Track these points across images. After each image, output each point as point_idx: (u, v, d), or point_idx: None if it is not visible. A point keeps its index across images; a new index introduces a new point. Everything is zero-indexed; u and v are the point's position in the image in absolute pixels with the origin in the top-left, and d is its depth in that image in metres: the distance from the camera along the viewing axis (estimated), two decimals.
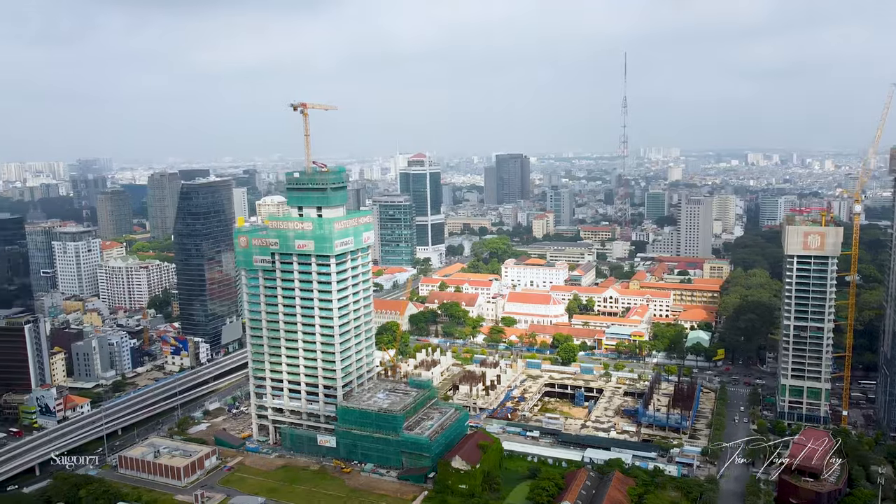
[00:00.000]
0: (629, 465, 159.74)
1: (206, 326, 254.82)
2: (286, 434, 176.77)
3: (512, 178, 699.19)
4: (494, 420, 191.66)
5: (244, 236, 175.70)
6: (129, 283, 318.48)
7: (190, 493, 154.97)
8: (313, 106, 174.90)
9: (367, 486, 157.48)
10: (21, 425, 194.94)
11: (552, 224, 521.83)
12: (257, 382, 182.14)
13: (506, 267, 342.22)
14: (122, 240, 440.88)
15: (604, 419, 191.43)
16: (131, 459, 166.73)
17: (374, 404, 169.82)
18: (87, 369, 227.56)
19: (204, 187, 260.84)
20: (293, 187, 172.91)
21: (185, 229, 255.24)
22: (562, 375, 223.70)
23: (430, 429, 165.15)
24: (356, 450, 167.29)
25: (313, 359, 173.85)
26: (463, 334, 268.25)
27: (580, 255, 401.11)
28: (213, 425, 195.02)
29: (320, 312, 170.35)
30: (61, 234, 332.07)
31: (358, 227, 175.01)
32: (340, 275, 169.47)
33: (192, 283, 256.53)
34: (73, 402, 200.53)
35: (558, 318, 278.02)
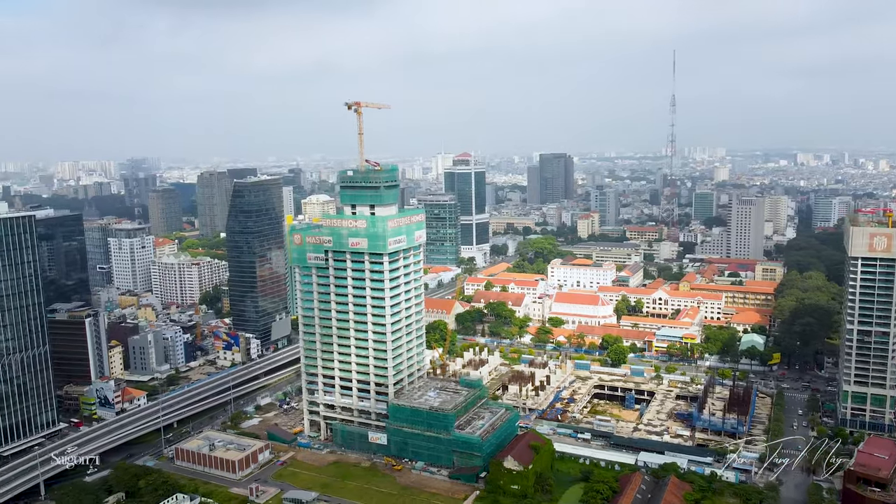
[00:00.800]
0: (685, 469, 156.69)
1: (257, 323, 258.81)
2: (337, 430, 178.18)
3: (555, 177, 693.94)
4: (544, 421, 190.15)
5: (298, 234, 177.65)
6: (181, 280, 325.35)
7: (244, 487, 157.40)
8: (367, 105, 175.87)
9: (419, 484, 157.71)
10: (81, 416, 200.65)
11: (597, 224, 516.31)
12: (309, 379, 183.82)
13: (552, 267, 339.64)
14: (172, 237, 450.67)
15: (656, 422, 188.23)
16: (187, 452, 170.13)
17: (426, 402, 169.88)
18: (143, 363, 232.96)
19: (255, 185, 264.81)
20: (347, 185, 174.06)
21: (237, 226, 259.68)
22: (611, 377, 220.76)
23: (481, 428, 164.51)
24: (407, 447, 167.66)
25: (365, 356, 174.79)
26: (510, 334, 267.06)
27: (627, 256, 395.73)
28: (264, 420, 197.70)
29: (373, 310, 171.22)
30: (117, 230, 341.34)
31: (410, 225, 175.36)
32: (393, 273, 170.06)
33: (243, 279, 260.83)
34: (131, 395, 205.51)
35: (606, 319, 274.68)
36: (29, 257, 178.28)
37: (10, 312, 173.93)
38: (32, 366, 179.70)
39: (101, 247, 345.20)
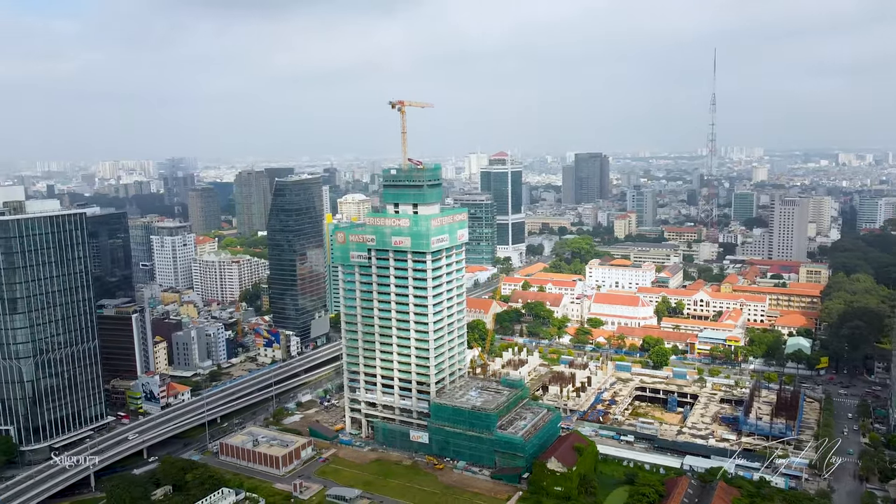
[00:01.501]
0: (732, 474, 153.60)
1: (296, 320, 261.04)
2: (379, 428, 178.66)
3: (590, 177, 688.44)
4: (586, 422, 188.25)
5: (341, 232, 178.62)
6: (221, 277, 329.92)
7: (288, 483, 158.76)
8: (411, 103, 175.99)
9: (461, 484, 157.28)
10: (128, 410, 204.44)
11: (634, 224, 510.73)
12: (351, 377, 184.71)
13: (590, 267, 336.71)
14: (212, 235, 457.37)
15: (701, 426, 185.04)
16: (232, 447, 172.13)
17: (467, 402, 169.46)
18: (186, 358, 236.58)
19: (296, 184, 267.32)
20: (390, 184, 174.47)
21: (278, 225, 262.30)
22: (653, 379, 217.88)
23: (523, 429, 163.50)
24: (448, 447, 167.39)
25: (407, 354, 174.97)
26: (548, 334, 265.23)
27: (665, 257, 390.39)
28: (306, 417, 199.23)
29: (415, 309, 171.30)
30: (159, 228, 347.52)
31: (453, 224, 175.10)
32: (436, 271, 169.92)
33: (283, 277, 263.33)
34: (176, 390, 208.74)
35: (647, 320, 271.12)
36: (79, 254, 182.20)
37: (62, 307, 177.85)
38: (82, 360, 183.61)
39: (144, 244, 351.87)
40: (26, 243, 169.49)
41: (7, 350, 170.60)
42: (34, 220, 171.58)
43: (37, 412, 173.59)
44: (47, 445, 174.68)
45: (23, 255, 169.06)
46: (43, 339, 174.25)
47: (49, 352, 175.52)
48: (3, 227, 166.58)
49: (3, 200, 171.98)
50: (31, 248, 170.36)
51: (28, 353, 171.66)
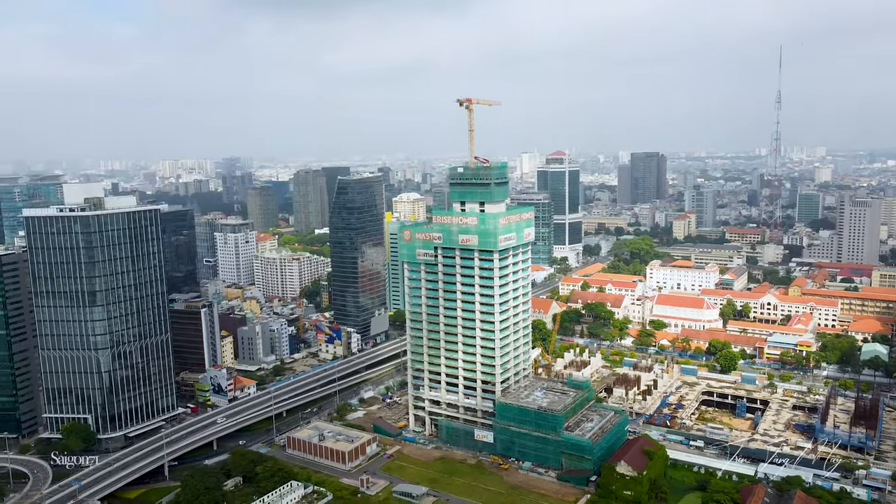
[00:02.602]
0: (809, 483, 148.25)
1: (357, 318, 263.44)
2: (443, 426, 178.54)
3: (647, 177, 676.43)
4: (652, 426, 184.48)
5: (408, 230, 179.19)
6: (282, 274, 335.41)
7: (354, 478, 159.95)
8: (479, 101, 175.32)
9: (527, 485, 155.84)
10: (196, 402, 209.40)
11: (694, 225, 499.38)
12: (415, 374, 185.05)
13: (650, 268, 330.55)
14: (271, 232, 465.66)
15: (773, 433, 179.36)
16: (299, 441, 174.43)
17: (533, 402, 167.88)
18: (251, 353, 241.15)
19: (358, 183, 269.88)
20: (456, 182, 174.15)
21: (340, 223, 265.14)
22: (720, 384, 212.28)
23: (590, 431, 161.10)
24: (513, 447, 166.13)
25: (472, 353, 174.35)
26: (609, 336, 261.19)
27: (728, 259, 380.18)
28: (368, 413, 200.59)
29: (481, 307, 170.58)
30: (223, 225, 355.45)
31: (520, 222, 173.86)
32: (503, 270, 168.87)
33: (344, 274, 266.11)
34: (242, 384, 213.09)
35: (712, 323, 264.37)
36: (154, 249, 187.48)
37: (137, 301, 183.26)
38: (155, 352, 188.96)
39: (207, 241, 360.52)
40: (105, 238, 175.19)
41: (86, 341, 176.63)
42: (112, 216, 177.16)
43: (113, 401, 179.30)
44: (122, 434, 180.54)
45: (102, 250, 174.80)
46: (119, 331, 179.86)
47: (124, 344, 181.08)
48: (85, 222, 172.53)
49: (84, 196, 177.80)
50: (109, 243, 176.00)
51: (105, 344, 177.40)
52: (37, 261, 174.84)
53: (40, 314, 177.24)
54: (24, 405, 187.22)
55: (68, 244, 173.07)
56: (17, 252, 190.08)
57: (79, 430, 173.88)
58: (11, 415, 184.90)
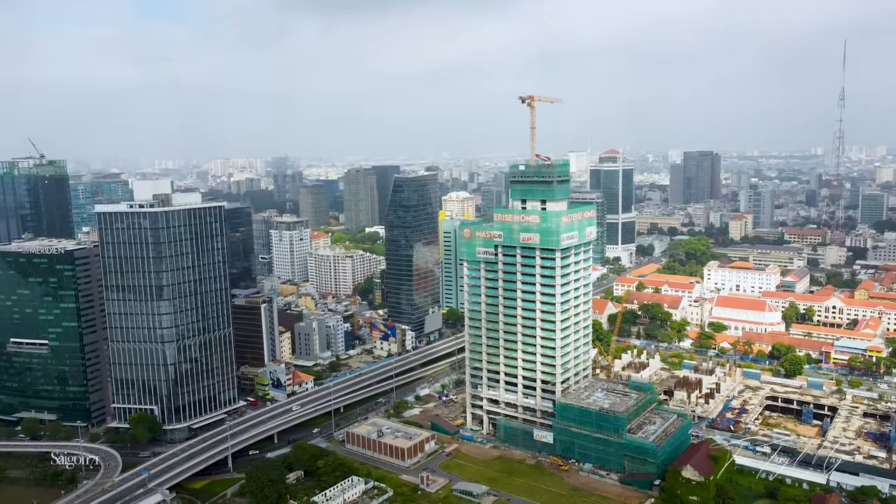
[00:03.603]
0: (886, 494, 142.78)
1: (411, 315, 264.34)
2: (501, 426, 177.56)
3: (700, 176, 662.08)
4: (716, 431, 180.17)
5: (468, 228, 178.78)
6: (335, 271, 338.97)
7: (414, 475, 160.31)
8: (540, 98, 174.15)
9: (588, 487, 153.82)
10: (256, 396, 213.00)
11: (750, 226, 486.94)
12: (473, 373, 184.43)
13: (708, 269, 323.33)
14: (323, 230, 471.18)
15: (844, 440, 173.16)
16: (358, 436, 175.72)
17: (594, 403, 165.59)
18: (307, 349, 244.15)
19: (414, 181, 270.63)
20: (517, 180, 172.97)
21: (396, 221, 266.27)
22: (785, 389, 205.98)
23: (654, 434, 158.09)
24: (573, 448, 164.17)
25: (532, 353, 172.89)
26: (667, 337, 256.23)
27: (788, 260, 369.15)
28: (425, 411, 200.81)
29: (542, 307, 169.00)
30: (278, 223, 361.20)
31: (582, 221, 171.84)
32: (564, 269, 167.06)
33: (399, 272, 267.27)
34: (300, 378, 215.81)
35: (774, 326, 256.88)
36: (218, 245, 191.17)
37: (201, 296, 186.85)
38: (218, 346, 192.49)
39: (262, 238, 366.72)
40: (172, 234, 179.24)
41: (153, 334, 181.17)
42: (179, 213, 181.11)
43: (178, 393, 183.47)
44: (187, 426, 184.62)
45: (168, 245, 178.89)
46: (184, 324, 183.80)
47: (189, 337, 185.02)
48: (153, 218, 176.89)
49: (152, 193, 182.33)
50: (175, 239, 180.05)
51: (171, 337, 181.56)
52: (107, 255, 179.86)
53: (110, 307, 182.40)
54: (94, 395, 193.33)
55: (137, 239, 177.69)
56: (88, 247, 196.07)
57: (146, 421, 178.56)
58: (82, 404, 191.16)
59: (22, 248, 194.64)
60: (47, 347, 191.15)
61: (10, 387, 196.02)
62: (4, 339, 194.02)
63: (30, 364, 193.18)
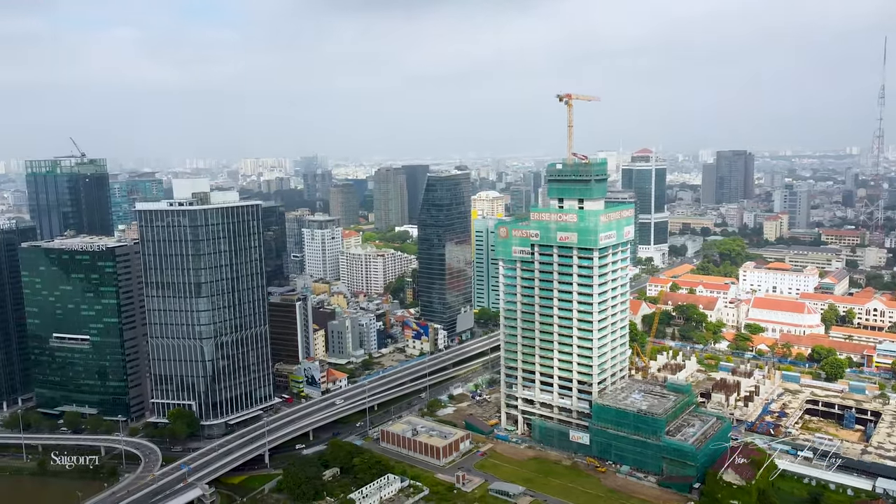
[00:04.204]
0: None
1: (443, 314, 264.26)
2: (536, 426, 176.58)
3: (733, 176, 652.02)
4: (755, 434, 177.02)
5: (504, 227, 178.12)
6: (367, 270, 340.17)
7: (449, 474, 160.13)
8: (578, 97, 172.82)
9: (625, 489, 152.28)
10: (290, 392, 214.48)
11: (786, 226, 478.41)
12: (508, 372, 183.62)
13: (744, 270, 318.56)
14: (354, 229, 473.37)
15: (888, 446, 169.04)
16: (393, 434, 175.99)
17: (632, 404, 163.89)
18: (340, 346, 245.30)
19: (447, 180, 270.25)
20: (555, 179, 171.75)
21: (429, 219, 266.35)
22: (826, 392, 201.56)
23: (692, 436, 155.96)
24: (610, 449, 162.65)
25: (568, 353, 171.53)
26: (703, 339, 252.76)
27: (826, 262, 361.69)
28: (458, 410, 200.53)
29: (579, 307, 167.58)
30: (310, 222, 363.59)
31: (620, 220, 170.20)
32: (602, 269, 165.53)
33: (431, 271, 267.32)
34: (334, 376, 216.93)
35: (813, 328, 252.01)
36: (254, 243, 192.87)
37: (238, 293, 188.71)
38: (254, 343, 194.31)
39: (295, 236, 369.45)
40: (210, 232, 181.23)
41: (191, 330, 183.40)
42: (217, 211, 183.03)
43: (215, 389, 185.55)
44: (223, 421, 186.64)
45: (207, 243, 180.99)
46: (221, 321, 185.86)
47: (226, 334, 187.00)
48: (192, 216, 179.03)
49: (191, 191, 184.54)
50: (213, 237, 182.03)
51: (209, 334, 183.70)
52: (147, 252, 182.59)
53: (150, 304, 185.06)
54: (133, 390, 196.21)
55: (176, 237, 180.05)
56: (128, 244, 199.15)
57: (184, 416, 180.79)
58: (122, 399, 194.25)
59: (65, 245, 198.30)
60: (89, 343, 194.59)
61: (53, 381, 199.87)
62: (47, 334, 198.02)
63: (71, 359, 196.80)
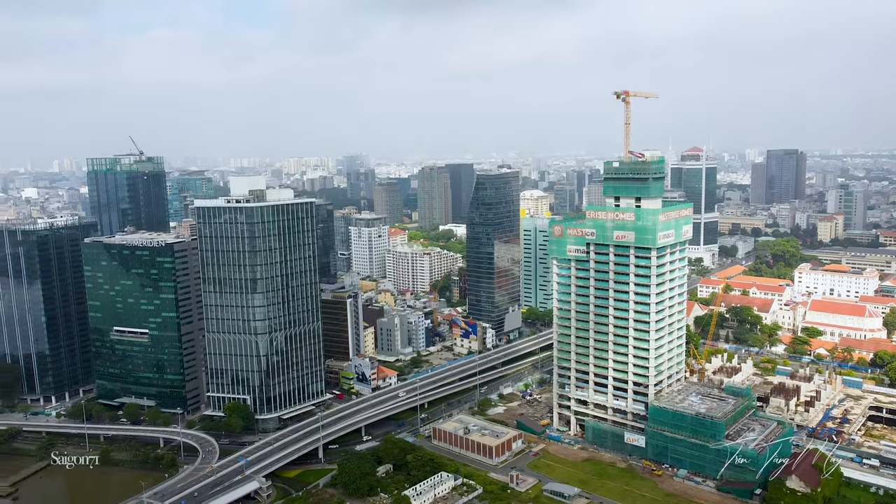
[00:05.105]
0: None
1: (491, 313, 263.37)
2: (590, 427, 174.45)
3: (783, 175, 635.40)
4: (816, 440, 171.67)
5: (559, 225, 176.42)
6: (413, 268, 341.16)
7: (502, 473, 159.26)
8: (636, 94, 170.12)
9: (684, 493, 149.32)
10: (341, 389, 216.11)
11: (841, 227, 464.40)
12: (561, 372, 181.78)
13: (799, 272, 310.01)
14: (399, 227, 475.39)
15: None
16: (445, 433, 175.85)
17: (690, 407, 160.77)
18: (389, 344, 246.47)
19: (497, 178, 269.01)
20: (611, 177, 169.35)
21: (478, 218, 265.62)
22: (890, 399, 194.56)
23: (753, 441, 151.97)
24: (667, 452, 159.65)
25: (624, 353, 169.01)
26: (758, 342, 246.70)
27: (886, 264, 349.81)
28: (508, 409, 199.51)
29: (636, 307, 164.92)
30: (357, 220, 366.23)
31: (679, 219, 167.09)
32: (660, 268, 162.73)
33: (480, 270, 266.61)
34: (384, 373, 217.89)
35: (875, 332, 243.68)
36: (308, 240, 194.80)
37: (292, 289, 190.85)
38: (307, 339, 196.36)
39: (343, 234, 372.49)
40: (266, 228, 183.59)
41: (247, 326, 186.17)
42: (273, 208, 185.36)
43: (269, 384, 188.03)
44: (277, 416, 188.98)
45: (263, 240, 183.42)
46: (276, 317, 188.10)
47: (281, 329, 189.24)
48: (248, 213, 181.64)
49: (248, 188, 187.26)
50: (269, 234, 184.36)
51: (264, 329, 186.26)
52: (205, 248, 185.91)
53: (207, 299, 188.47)
54: (190, 383, 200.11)
55: (233, 233, 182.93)
56: (186, 240, 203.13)
57: (240, 410, 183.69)
58: (179, 392, 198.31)
59: (125, 241, 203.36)
60: (147, 336, 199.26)
61: (113, 373, 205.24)
62: (108, 327, 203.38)
63: (131, 352, 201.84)
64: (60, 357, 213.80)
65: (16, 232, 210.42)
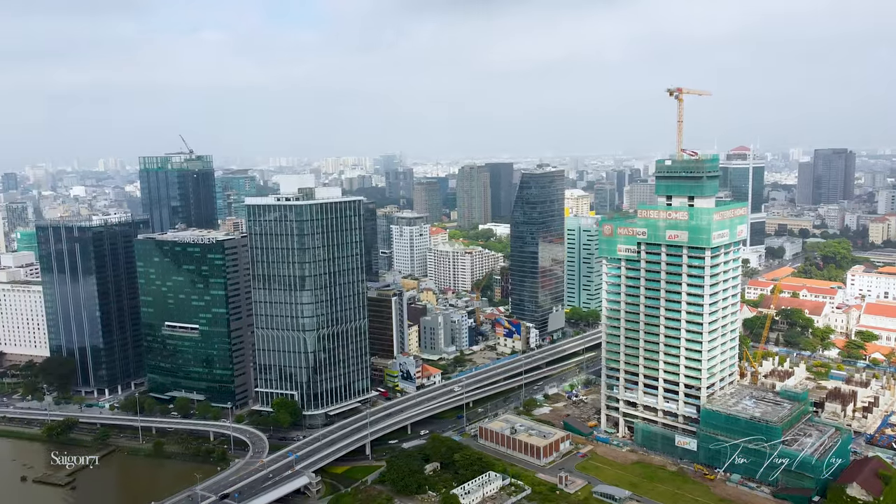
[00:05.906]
0: None
1: (534, 313, 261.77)
2: (639, 429, 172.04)
3: (831, 175, 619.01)
4: (875, 447, 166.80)
5: (609, 224, 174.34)
6: (454, 267, 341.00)
7: (551, 474, 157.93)
8: (689, 91, 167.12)
9: (738, 499, 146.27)
10: (385, 386, 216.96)
11: (893, 229, 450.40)
12: (609, 373, 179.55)
13: (852, 274, 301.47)
14: (439, 226, 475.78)
15: None
16: (491, 432, 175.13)
17: (744, 410, 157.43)
18: (433, 342, 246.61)
19: (542, 177, 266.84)
20: (664, 175, 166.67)
21: (522, 217, 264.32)
22: None
23: (811, 447, 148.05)
24: (720, 457, 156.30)
25: (675, 355, 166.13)
26: (810, 345, 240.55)
27: None
28: (554, 410, 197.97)
29: (688, 307, 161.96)
30: (399, 219, 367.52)
31: (734, 219, 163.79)
32: (714, 269, 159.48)
33: (523, 269, 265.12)
34: (429, 372, 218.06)
35: None
36: (355, 238, 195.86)
37: (340, 287, 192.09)
38: (354, 336, 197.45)
39: (384, 232, 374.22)
40: (315, 226, 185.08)
41: (295, 322, 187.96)
42: (321, 206, 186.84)
43: (316, 380, 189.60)
44: (323, 412, 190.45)
45: (312, 237, 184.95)
46: (323, 314, 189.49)
47: (328, 326, 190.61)
48: (298, 210, 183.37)
49: (297, 187, 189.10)
50: (318, 231, 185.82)
51: (312, 326, 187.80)
52: (255, 246, 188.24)
53: (256, 295, 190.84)
54: (238, 378, 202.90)
55: (283, 231, 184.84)
56: (236, 237, 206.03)
57: (288, 406, 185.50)
58: (228, 387, 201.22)
59: (177, 238, 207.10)
60: (198, 331, 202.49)
61: (164, 367, 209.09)
62: (159, 322, 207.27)
63: (181, 347, 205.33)
64: (114, 351, 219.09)
65: (72, 228, 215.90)
